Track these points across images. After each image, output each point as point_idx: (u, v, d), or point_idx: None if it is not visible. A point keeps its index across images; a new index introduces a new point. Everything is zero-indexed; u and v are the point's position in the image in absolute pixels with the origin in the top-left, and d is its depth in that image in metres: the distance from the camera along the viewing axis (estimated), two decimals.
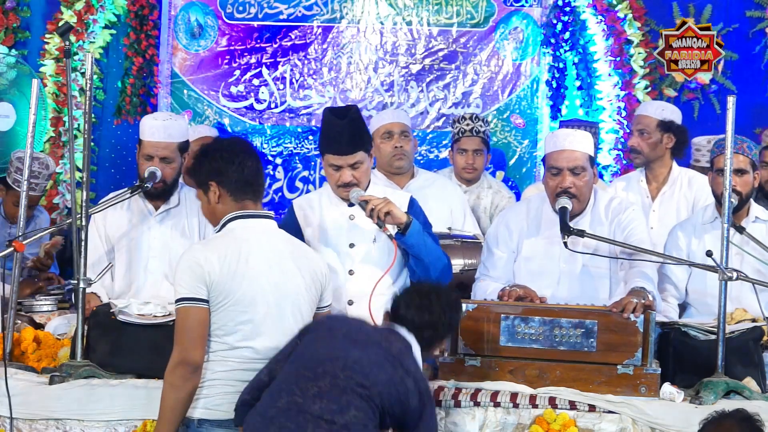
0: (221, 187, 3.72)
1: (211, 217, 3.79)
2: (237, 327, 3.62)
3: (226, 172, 3.72)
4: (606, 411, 3.90)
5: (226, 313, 3.61)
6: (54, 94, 7.33)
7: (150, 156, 4.66)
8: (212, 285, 3.58)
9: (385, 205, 4.22)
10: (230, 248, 3.64)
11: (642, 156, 5.64)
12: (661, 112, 5.66)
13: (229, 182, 3.72)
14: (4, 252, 4.18)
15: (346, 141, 4.32)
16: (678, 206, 5.59)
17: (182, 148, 4.75)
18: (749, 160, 4.76)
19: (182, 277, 3.59)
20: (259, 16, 7.55)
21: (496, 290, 4.37)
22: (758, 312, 4.33)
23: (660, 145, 5.60)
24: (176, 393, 3.53)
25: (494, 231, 4.69)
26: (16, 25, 7.40)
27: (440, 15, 7.46)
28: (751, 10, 7.19)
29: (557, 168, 4.45)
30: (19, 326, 4.56)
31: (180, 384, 3.53)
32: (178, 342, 3.56)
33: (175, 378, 3.53)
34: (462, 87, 7.45)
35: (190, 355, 3.54)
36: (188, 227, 4.76)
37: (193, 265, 3.59)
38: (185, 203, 4.79)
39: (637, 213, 4.58)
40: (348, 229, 4.41)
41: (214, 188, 3.73)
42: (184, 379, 3.53)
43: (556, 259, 4.50)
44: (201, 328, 3.57)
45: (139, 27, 7.42)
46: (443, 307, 3.65)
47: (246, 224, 3.71)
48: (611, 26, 7.20)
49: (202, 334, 3.57)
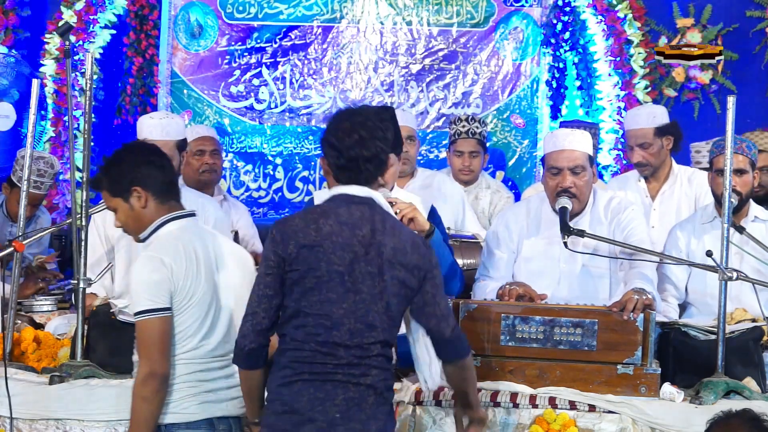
0: (146, 191, 3.67)
1: (136, 224, 3.70)
2: (199, 327, 3.63)
3: (150, 175, 3.67)
4: (606, 411, 3.90)
5: (190, 314, 3.61)
6: (54, 94, 7.34)
7: None
8: (177, 289, 3.57)
9: (411, 211, 4.12)
10: (181, 250, 3.62)
11: (650, 167, 5.61)
12: (653, 119, 5.59)
13: (154, 185, 3.67)
14: (4, 252, 4.19)
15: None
16: (679, 204, 5.58)
17: (180, 147, 4.75)
18: (748, 159, 4.76)
19: (144, 288, 3.54)
20: (259, 16, 7.56)
21: (496, 290, 4.37)
22: (758, 312, 4.33)
23: (662, 151, 5.59)
24: (150, 406, 3.53)
25: (494, 231, 4.69)
26: (16, 25, 7.40)
27: (440, 15, 7.46)
28: (751, 10, 7.19)
29: (557, 168, 4.45)
30: (19, 326, 4.56)
31: (152, 397, 3.53)
32: (145, 355, 3.54)
33: (147, 391, 3.52)
34: (462, 87, 7.46)
35: (160, 366, 3.54)
36: None
37: (156, 273, 3.55)
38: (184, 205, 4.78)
39: (636, 213, 4.58)
40: None
41: (138, 193, 3.66)
42: (155, 392, 3.53)
43: (556, 259, 4.50)
44: (167, 338, 3.56)
45: (139, 27, 7.42)
46: (372, 131, 3.41)
47: (181, 225, 3.70)
48: (611, 26, 7.21)
49: (167, 343, 3.57)
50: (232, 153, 7.58)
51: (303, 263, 3.28)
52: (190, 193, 4.92)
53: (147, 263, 3.58)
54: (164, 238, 3.66)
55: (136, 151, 3.74)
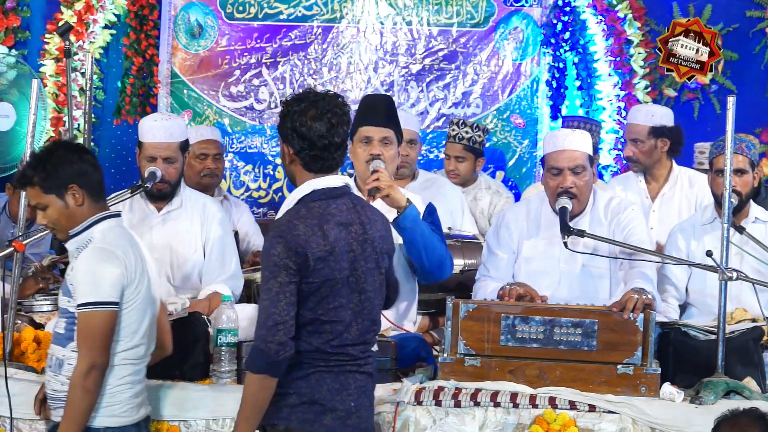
0: (83, 189, 3.66)
1: (68, 222, 3.67)
2: (139, 326, 3.66)
3: (87, 173, 3.67)
4: (606, 411, 3.90)
5: (134, 311, 3.63)
6: (54, 94, 7.33)
7: (153, 157, 4.66)
8: (128, 284, 3.60)
9: (388, 187, 4.27)
10: (127, 247, 3.65)
11: (639, 164, 5.64)
12: (651, 118, 5.61)
13: (89, 183, 3.67)
14: (5, 252, 4.19)
15: (383, 113, 4.44)
16: (679, 206, 5.58)
17: (183, 148, 4.75)
18: (748, 159, 4.76)
19: (96, 279, 3.55)
20: (259, 16, 7.55)
21: (496, 290, 4.37)
22: (758, 312, 4.33)
23: (655, 151, 5.60)
24: (91, 398, 3.55)
25: (495, 232, 4.70)
26: (16, 25, 7.40)
27: (440, 15, 7.46)
28: (751, 10, 7.19)
29: (558, 168, 4.45)
30: (19, 326, 4.55)
31: (94, 389, 3.55)
32: (89, 347, 3.54)
33: (89, 383, 3.53)
34: (462, 87, 7.46)
35: (102, 359, 3.56)
36: (191, 229, 4.77)
37: (110, 266, 3.56)
38: (187, 205, 4.80)
39: (636, 213, 4.58)
40: None
41: (74, 191, 3.64)
42: (97, 384, 3.56)
43: (556, 259, 4.51)
44: (111, 332, 3.58)
45: (139, 27, 7.42)
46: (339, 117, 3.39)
47: (115, 223, 3.72)
48: (611, 26, 7.21)
49: (110, 338, 3.58)
50: (232, 153, 7.57)
51: (319, 275, 3.32)
52: (193, 193, 4.93)
53: (99, 255, 3.58)
54: (109, 234, 3.65)
55: (72, 149, 3.72)
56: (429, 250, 4.34)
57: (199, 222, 4.76)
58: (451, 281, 4.88)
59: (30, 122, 4.41)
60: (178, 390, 4.07)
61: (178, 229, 4.75)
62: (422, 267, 4.39)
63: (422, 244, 4.33)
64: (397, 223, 4.27)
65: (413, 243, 4.33)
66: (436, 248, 4.36)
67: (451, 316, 4.04)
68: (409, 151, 5.71)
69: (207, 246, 4.76)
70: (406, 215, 4.29)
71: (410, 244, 4.34)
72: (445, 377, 4.05)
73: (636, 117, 5.69)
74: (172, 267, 4.74)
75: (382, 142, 4.44)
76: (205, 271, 4.76)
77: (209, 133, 6.03)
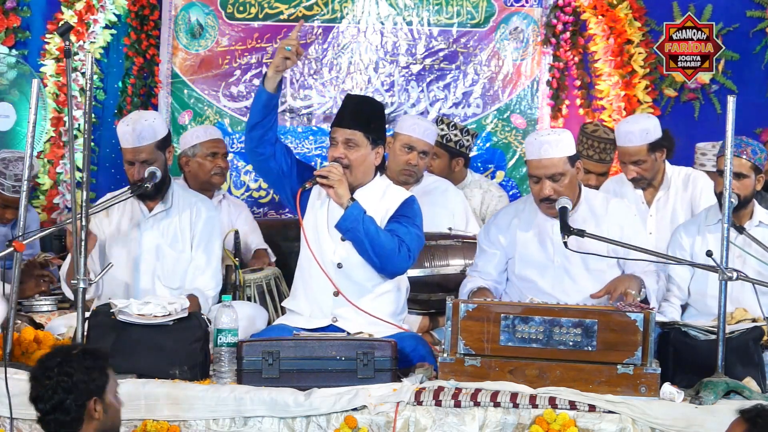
0: None
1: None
2: None
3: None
4: (606, 411, 3.90)
5: None
6: (54, 94, 7.33)
7: (131, 162, 4.70)
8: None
9: (332, 182, 4.33)
10: None
11: (645, 180, 5.61)
12: (646, 135, 5.53)
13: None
14: (4, 252, 4.19)
15: (348, 115, 4.47)
16: (674, 209, 5.59)
17: (161, 145, 4.75)
18: (751, 164, 4.76)
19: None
20: (259, 16, 7.55)
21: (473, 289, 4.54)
22: (758, 312, 4.34)
23: (656, 163, 5.59)
24: None
25: (486, 230, 4.81)
26: (16, 25, 7.40)
27: (440, 15, 7.45)
28: (751, 10, 7.18)
29: (536, 176, 4.56)
30: (19, 326, 4.56)
31: None
32: None
33: None
34: (462, 87, 7.45)
35: None
36: (179, 228, 4.79)
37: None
38: (177, 205, 4.82)
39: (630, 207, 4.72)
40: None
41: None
42: None
43: (550, 254, 4.59)
44: None
45: (140, 27, 7.41)
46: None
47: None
48: (611, 26, 7.21)
49: None
50: (233, 153, 7.56)
51: None
52: (186, 192, 4.96)
53: None
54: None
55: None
56: (376, 247, 4.38)
57: (188, 221, 4.80)
58: (451, 281, 4.91)
59: (30, 122, 4.40)
60: (179, 390, 4.07)
61: (168, 228, 4.78)
62: (373, 264, 4.44)
63: (368, 243, 4.37)
64: (338, 225, 4.37)
65: (357, 242, 4.39)
66: (383, 245, 4.39)
67: (451, 316, 4.05)
68: (419, 161, 5.70)
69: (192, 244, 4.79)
70: (346, 216, 4.35)
71: (355, 243, 4.40)
72: (445, 377, 4.06)
73: (630, 140, 5.53)
74: (162, 266, 4.76)
75: (346, 144, 4.46)
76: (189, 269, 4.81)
77: (217, 132, 6.09)
